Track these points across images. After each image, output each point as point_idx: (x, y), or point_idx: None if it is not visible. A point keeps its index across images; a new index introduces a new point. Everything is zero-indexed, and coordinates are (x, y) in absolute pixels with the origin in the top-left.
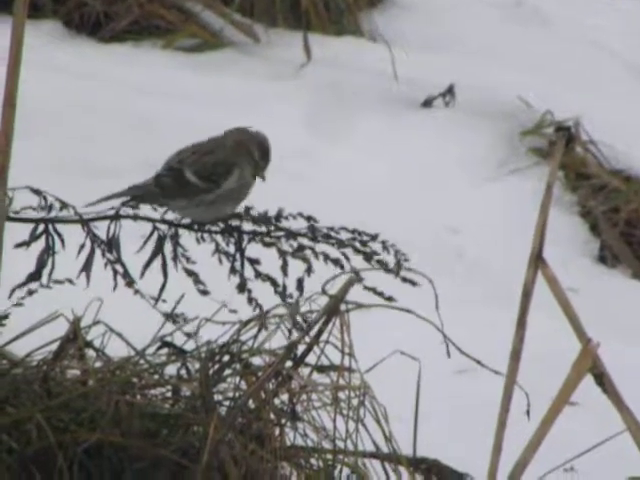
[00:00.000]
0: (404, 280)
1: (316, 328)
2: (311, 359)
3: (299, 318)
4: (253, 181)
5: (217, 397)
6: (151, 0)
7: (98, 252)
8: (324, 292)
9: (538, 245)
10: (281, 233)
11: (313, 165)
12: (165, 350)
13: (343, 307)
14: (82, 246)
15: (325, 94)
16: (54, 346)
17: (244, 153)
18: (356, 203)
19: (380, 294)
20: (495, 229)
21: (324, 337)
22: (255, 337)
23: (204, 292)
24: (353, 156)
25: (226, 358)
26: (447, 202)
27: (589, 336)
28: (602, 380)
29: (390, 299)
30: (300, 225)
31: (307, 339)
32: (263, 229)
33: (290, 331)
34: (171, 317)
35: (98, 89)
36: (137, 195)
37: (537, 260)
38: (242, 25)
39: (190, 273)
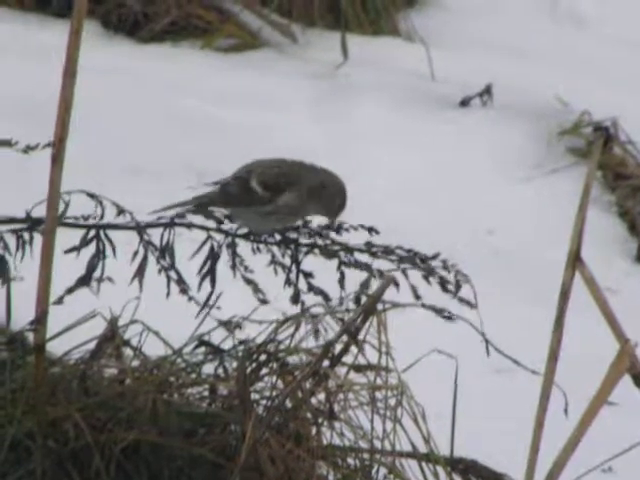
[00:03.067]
0: (461, 300)
1: (353, 327)
2: (348, 358)
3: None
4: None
5: (254, 396)
6: (190, 0)
7: (152, 258)
8: (361, 292)
9: (576, 245)
10: (338, 247)
11: (350, 164)
12: (202, 349)
13: (380, 306)
14: (136, 252)
15: (362, 94)
16: (92, 345)
17: (322, 195)
18: (392, 202)
19: (440, 311)
20: (533, 229)
21: (361, 336)
22: (292, 336)
23: (263, 301)
24: (390, 156)
25: (263, 357)
26: (484, 202)
27: (627, 336)
28: None
29: (450, 318)
30: (360, 235)
31: (344, 338)
32: (320, 242)
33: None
34: (225, 324)
35: (137, 89)
36: (202, 203)
37: (575, 260)
38: (280, 25)
39: (249, 281)
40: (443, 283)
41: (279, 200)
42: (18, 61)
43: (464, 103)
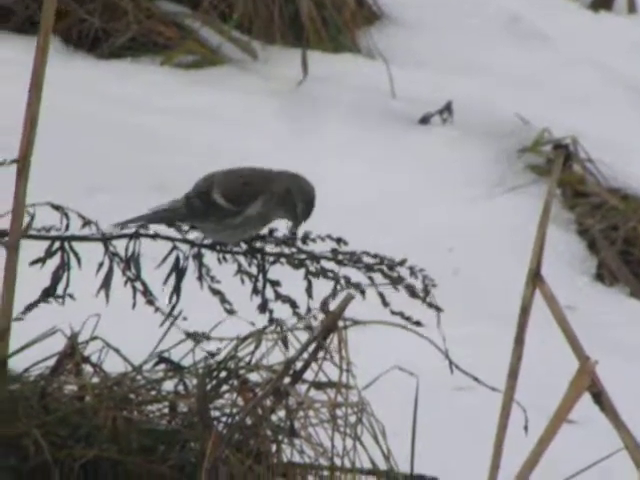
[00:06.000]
0: (430, 305)
1: (314, 345)
2: (309, 376)
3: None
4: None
5: (214, 413)
6: (149, 16)
7: (117, 270)
8: (323, 309)
9: (536, 263)
10: (304, 256)
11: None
12: (162, 366)
13: (341, 323)
14: (101, 264)
15: (322, 111)
16: (51, 362)
17: (286, 200)
18: (352, 219)
19: (407, 318)
20: (492, 247)
21: (322, 354)
22: (252, 353)
23: (230, 311)
24: (350, 172)
25: (223, 374)
26: (444, 219)
27: (587, 354)
28: (600, 398)
29: (418, 324)
30: (328, 246)
31: (305, 355)
32: (287, 251)
33: (287, 347)
34: (192, 336)
35: (96, 105)
36: (165, 217)
37: (535, 278)
38: (240, 42)
39: (216, 292)
40: (411, 289)
41: (247, 211)
42: None
43: (424, 120)
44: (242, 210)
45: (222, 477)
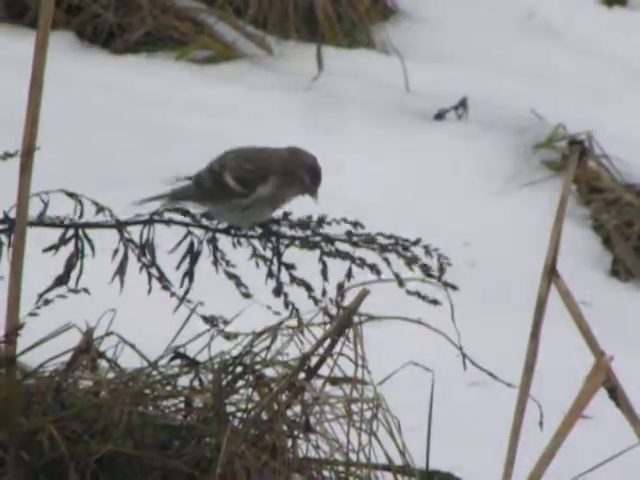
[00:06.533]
0: (446, 285)
1: (329, 340)
2: (324, 371)
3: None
4: (292, 194)
5: (230, 408)
6: (165, 11)
7: (132, 256)
8: (337, 303)
9: (552, 258)
10: (319, 238)
11: (325, 176)
12: (178, 361)
13: (356, 319)
14: (116, 251)
15: (337, 106)
16: (67, 357)
17: (292, 177)
18: (366, 213)
19: (423, 298)
20: (508, 242)
21: (337, 349)
22: (268, 349)
23: (246, 295)
24: (365, 168)
25: (239, 369)
26: (460, 214)
27: (602, 350)
28: (615, 394)
29: (435, 302)
30: (342, 230)
31: (320, 351)
32: (301, 234)
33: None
34: (209, 320)
35: (111, 100)
36: (177, 195)
37: (550, 273)
38: (255, 37)
39: (231, 276)
40: (426, 269)
41: (253, 194)
42: None
43: (439, 116)
44: (252, 192)
45: (238, 472)
